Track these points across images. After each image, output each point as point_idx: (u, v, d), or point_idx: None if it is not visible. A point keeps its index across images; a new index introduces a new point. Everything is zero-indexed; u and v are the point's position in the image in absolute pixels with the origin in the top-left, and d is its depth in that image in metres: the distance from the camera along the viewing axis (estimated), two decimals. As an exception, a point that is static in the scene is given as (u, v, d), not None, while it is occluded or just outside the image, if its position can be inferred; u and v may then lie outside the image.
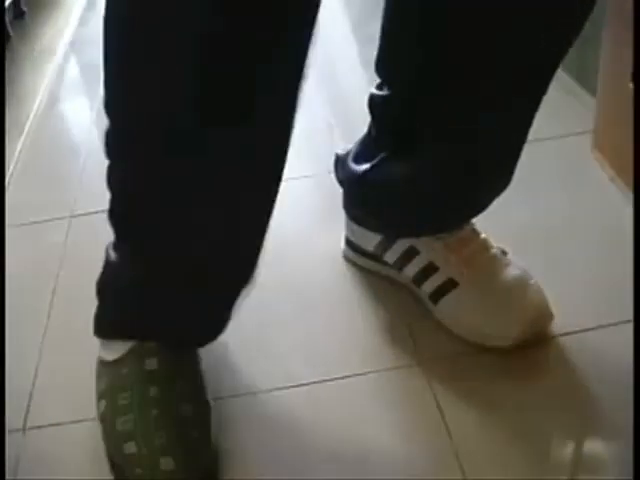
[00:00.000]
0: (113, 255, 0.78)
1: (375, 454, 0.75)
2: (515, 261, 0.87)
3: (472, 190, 0.85)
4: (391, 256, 0.91)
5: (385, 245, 0.92)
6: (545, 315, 0.84)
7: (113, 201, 0.74)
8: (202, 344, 0.82)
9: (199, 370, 0.81)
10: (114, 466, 0.75)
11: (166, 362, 0.77)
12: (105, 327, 0.81)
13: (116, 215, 0.75)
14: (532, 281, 0.85)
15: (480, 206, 0.87)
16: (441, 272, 0.87)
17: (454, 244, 0.87)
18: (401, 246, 0.90)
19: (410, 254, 0.89)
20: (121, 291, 0.79)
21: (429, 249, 0.88)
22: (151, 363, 0.77)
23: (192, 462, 0.72)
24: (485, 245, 0.88)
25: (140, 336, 0.79)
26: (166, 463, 0.70)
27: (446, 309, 0.86)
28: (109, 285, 0.80)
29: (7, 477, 0.75)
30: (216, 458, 0.75)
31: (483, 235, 0.89)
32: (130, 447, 0.73)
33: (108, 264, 0.79)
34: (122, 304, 0.80)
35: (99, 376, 0.81)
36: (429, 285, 0.88)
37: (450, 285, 0.86)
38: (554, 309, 0.84)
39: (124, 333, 0.79)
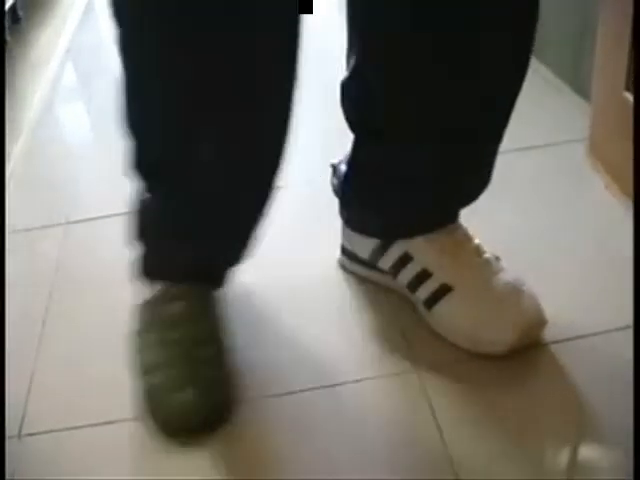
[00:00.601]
0: (142, 201, 0.85)
1: (368, 460, 0.75)
2: (507, 267, 0.88)
3: (463, 181, 0.86)
4: (385, 262, 0.92)
5: (380, 251, 0.92)
6: (539, 321, 0.84)
7: (139, 150, 0.79)
8: (224, 278, 0.91)
9: (220, 314, 0.89)
10: (144, 395, 0.83)
11: (191, 306, 0.86)
12: (140, 269, 0.89)
13: (143, 162, 0.80)
14: (525, 287, 0.85)
15: (471, 198, 0.88)
16: (435, 278, 0.87)
17: (448, 249, 0.87)
18: (395, 252, 0.90)
19: (404, 260, 0.89)
20: (147, 235, 0.87)
21: (423, 255, 0.88)
22: (177, 306, 0.86)
23: (205, 397, 0.79)
24: (478, 251, 0.88)
25: (168, 278, 0.87)
26: (182, 396, 0.79)
27: (440, 315, 0.86)
28: (139, 231, 0.87)
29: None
30: (228, 398, 0.82)
31: (476, 240, 0.89)
32: (153, 378, 0.82)
33: (138, 211, 0.86)
34: (149, 249, 0.88)
35: (138, 313, 0.89)
36: (423, 291, 0.88)
37: (444, 290, 0.86)
38: (549, 316, 0.84)
39: (154, 275, 0.88)
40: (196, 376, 0.80)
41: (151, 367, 0.82)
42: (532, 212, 1.07)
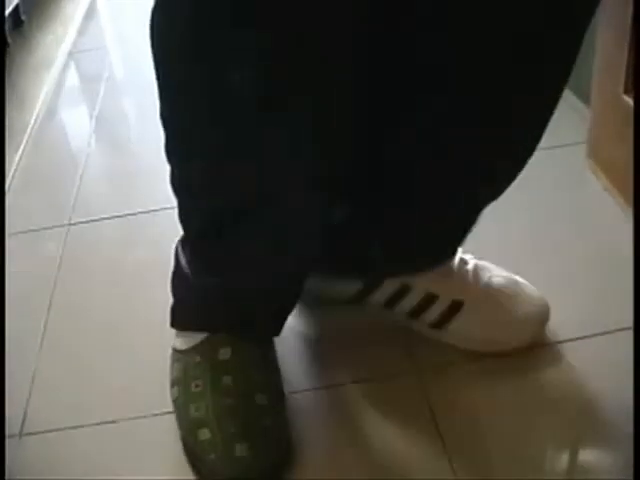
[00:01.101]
0: (183, 253, 0.81)
1: (367, 460, 0.76)
2: (492, 266, 0.89)
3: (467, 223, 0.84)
4: (380, 297, 0.88)
5: (369, 289, 0.88)
6: (547, 309, 0.86)
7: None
8: (275, 334, 0.83)
9: (273, 360, 0.82)
10: (188, 451, 0.76)
11: (239, 352, 0.78)
12: (180, 318, 0.83)
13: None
14: (517, 277, 0.87)
15: (469, 229, 0.85)
16: (442, 298, 0.85)
17: (445, 269, 0.86)
18: (390, 287, 0.87)
19: (402, 292, 0.86)
20: (194, 286, 0.80)
21: (422, 281, 0.85)
22: (225, 352, 0.78)
23: (266, 449, 0.73)
24: (463, 260, 0.87)
25: (214, 328, 0.79)
26: (241, 449, 0.71)
27: (456, 329, 0.85)
28: (182, 279, 0.82)
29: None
30: (289, 447, 0.76)
31: (458, 254, 0.88)
32: (204, 433, 0.74)
33: (179, 261, 0.82)
34: (196, 297, 0.81)
35: (173, 364, 0.82)
36: (431, 314, 0.85)
37: (456, 307, 0.84)
38: (550, 317, 0.85)
39: (198, 324, 0.80)
40: (252, 427, 0.73)
41: (200, 422, 0.75)
42: (531, 214, 1.07)
